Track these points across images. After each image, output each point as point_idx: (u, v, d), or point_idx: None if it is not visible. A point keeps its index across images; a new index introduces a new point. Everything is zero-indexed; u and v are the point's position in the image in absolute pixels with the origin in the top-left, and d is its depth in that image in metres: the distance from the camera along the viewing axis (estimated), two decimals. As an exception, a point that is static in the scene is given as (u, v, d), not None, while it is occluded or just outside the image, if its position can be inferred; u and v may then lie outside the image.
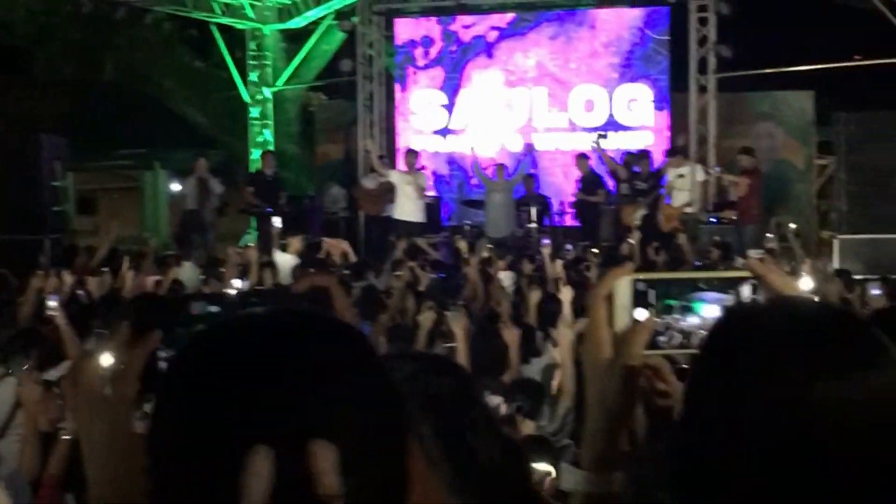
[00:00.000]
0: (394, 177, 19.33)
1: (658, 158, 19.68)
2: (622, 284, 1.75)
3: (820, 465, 1.39)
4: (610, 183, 19.87)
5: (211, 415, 1.16)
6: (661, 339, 1.75)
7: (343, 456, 1.13)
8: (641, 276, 1.77)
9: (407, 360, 2.41)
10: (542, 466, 4.71)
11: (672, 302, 1.75)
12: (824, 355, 1.41)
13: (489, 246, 15.99)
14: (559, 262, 13.42)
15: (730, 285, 1.76)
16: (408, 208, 18.97)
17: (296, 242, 15.68)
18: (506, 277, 12.90)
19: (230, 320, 1.30)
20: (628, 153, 20.12)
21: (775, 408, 1.39)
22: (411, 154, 19.71)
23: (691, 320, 1.75)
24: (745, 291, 1.75)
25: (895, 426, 1.41)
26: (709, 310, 1.75)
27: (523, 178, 20.09)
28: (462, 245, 15.61)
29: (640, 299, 1.75)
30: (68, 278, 11.32)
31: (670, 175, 18.57)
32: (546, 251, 14.33)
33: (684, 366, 1.72)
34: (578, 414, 7.01)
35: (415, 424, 2.26)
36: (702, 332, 1.73)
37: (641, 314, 1.74)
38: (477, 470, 2.27)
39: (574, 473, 1.77)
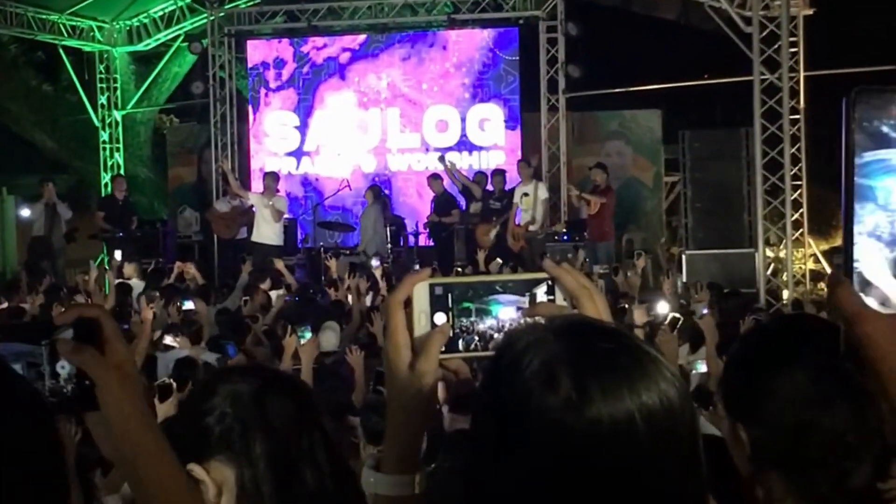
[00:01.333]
0: (253, 199, 19.12)
1: (512, 177, 19.80)
2: (420, 289, 1.77)
3: (599, 487, 1.41)
4: (463, 202, 20.01)
5: None
6: (460, 342, 1.77)
7: None
8: (439, 280, 1.79)
9: (252, 375, 2.37)
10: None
11: (469, 305, 1.77)
12: (593, 375, 1.43)
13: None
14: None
15: (526, 287, 1.78)
16: (265, 231, 18.76)
17: (129, 268, 15.56)
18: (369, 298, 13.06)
19: None
20: (479, 172, 20.27)
21: (548, 432, 1.42)
22: (270, 177, 19.41)
23: (488, 322, 1.77)
24: (541, 292, 1.78)
25: (670, 441, 1.43)
26: (505, 312, 1.77)
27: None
28: (332, 265, 15.70)
29: (438, 304, 1.77)
30: None
31: (516, 193, 18.66)
32: (377, 272, 14.44)
33: None
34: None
35: (249, 445, 2.25)
36: (498, 334, 1.76)
37: (440, 318, 1.76)
38: (304, 498, 2.27)
39: (375, 477, 1.79)
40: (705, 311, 9.18)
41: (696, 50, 21.79)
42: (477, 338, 1.77)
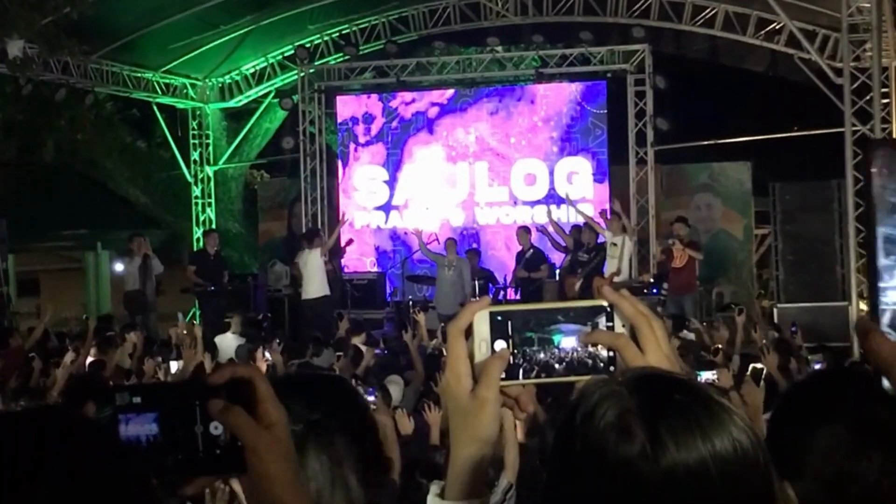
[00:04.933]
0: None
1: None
2: (480, 318, 1.77)
3: None
4: (555, 257, 19.99)
5: None
6: (521, 370, 1.77)
7: None
8: (499, 308, 1.78)
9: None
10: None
11: (531, 334, 1.76)
12: (666, 425, 1.45)
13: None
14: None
15: (587, 315, 1.78)
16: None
17: (237, 321, 15.63)
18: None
19: None
20: (575, 226, 20.07)
21: (624, 482, 1.44)
22: (315, 232, 19.84)
23: (550, 351, 1.77)
24: (602, 321, 1.78)
25: (744, 488, 1.46)
26: (567, 341, 1.77)
27: (466, 252, 20.22)
28: (421, 318, 15.64)
29: (498, 331, 1.77)
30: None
31: (607, 240, 18.54)
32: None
33: None
34: (519, 489, 7.02)
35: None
36: (559, 364, 1.77)
37: (500, 346, 1.76)
38: None
39: None
40: (819, 366, 9.06)
41: (786, 101, 21.66)
42: (538, 366, 1.78)
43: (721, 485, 1.43)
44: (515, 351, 1.77)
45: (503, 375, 1.76)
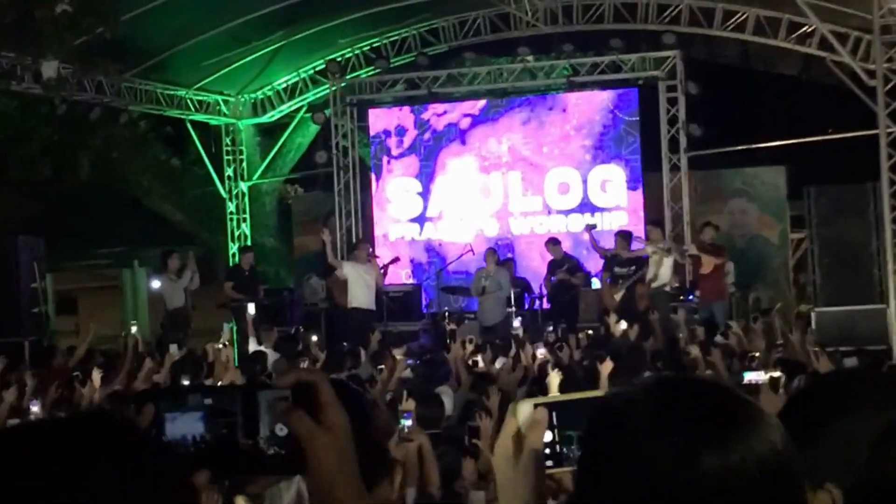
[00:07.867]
0: (347, 268, 19.00)
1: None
2: (524, 407, 1.80)
3: None
4: (594, 266, 19.97)
5: None
6: (563, 460, 1.79)
7: None
8: (540, 400, 1.82)
9: None
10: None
11: (572, 433, 1.78)
12: (706, 428, 1.47)
13: (470, 336, 16.00)
14: (540, 347, 13.46)
15: None
16: (361, 297, 18.82)
17: (271, 335, 15.65)
18: (499, 362, 12.97)
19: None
20: (620, 232, 19.87)
21: (662, 486, 1.45)
22: (364, 244, 19.77)
23: None
24: None
25: (780, 485, 1.48)
26: None
27: (502, 262, 20.16)
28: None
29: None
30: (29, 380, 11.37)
31: (648, 250, 18.45)
32: (519, 335, 14.33)
33: None
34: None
35: None
36: None
37: (547, 437, 1.79)
38: None
39: None
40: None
41: (819, 105, 21.56)
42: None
43: (758, 485, 1.45)
44: (558, 441, 1.80)
45: (550, 463, 1.79)
